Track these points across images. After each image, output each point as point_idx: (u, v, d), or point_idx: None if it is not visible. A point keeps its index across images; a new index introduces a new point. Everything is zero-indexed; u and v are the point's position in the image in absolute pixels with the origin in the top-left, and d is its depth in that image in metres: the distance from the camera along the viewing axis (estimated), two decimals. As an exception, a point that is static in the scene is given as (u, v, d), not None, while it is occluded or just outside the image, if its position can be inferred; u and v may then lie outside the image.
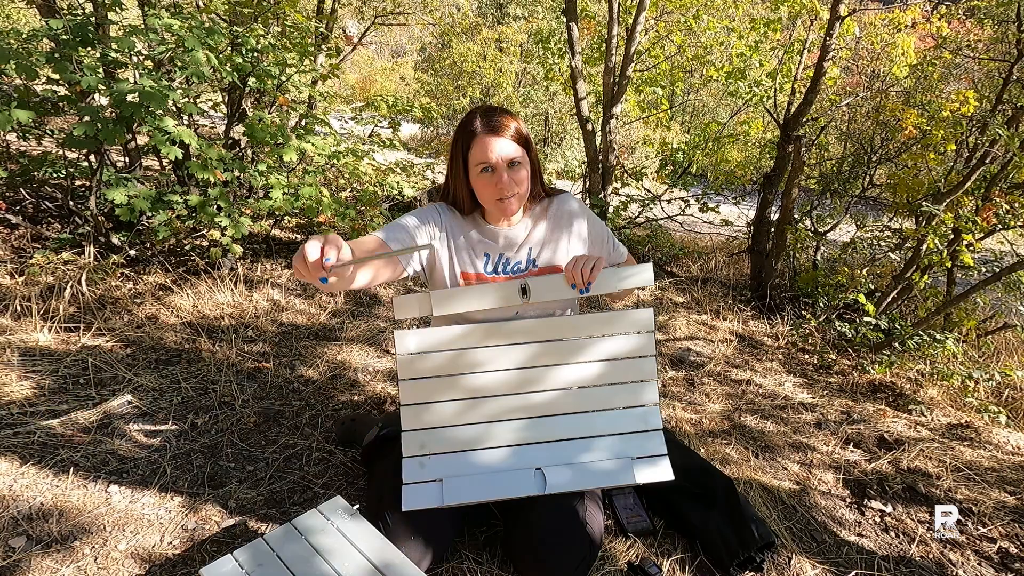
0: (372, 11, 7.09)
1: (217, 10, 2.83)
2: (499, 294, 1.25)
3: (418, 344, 1.26)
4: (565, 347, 1.30)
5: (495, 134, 1.17)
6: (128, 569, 1.27)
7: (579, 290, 1.20)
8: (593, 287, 1.20)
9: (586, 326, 1.32)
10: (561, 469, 1.27)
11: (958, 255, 3.04)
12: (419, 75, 13.52)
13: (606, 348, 1.32)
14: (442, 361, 1.27)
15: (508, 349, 1.29)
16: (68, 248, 2.60)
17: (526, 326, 1.29)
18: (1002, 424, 2.45)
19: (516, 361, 1.29)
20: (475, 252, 1.31)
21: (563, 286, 1.24)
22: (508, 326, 1.29)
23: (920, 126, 3.80)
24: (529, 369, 1.29)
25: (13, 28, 2.47)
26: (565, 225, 1.34)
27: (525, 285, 1.24)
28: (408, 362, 1.26)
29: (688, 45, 5.40)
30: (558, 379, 1.30)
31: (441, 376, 1.27)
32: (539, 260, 1.32)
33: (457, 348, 1.27)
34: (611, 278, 1.25)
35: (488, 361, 1.28)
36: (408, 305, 1.24)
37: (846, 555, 1.54)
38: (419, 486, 1.23)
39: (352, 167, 3.12)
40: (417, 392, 1.26)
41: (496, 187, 1.20)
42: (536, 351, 1.29)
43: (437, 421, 1.27)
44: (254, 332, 2.45)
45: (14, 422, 1.69)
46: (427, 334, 1.27)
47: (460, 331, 1.27)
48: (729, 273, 4.61)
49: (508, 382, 1.29)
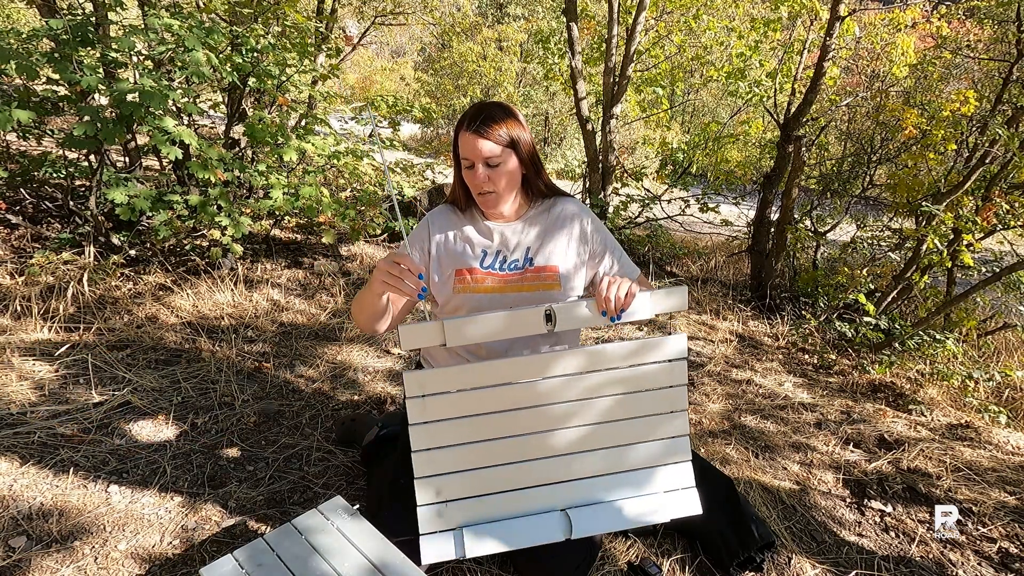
0: (372, 11, 7.09)
1: (217, 10, 2.83)
2: (521, 322, 1.12)
3: (429, 386, 1.14)
4: (592, 380, 1.19)
5: (478, 134, 1.19)
6: (128, 569, 1.27)
7: (610, 317, 1.11)
8: (625, 314, 1.11)
9: (615, 357, 1.20)
10: (587, 510, 1.19)
11: (958, 255, 3.04)
12: (419, 75, 13.53)
13: (636, 379, 1.21)
14: (457, 402, 1.15)
15: (529, 385, 1.17)
16: (68, 248, 2.60)
17: (550, 360, 1.17)
18: (1002, 424, 2.45)
19: (538, 397, 1.18)
20: (471, 248, 1.31)
21: (592, 313, 1.13)
22: (531, 360, 1.17)
23: (920, 126, 3.80)
24: (553, 405, 1.18)
25: (13, 28, 2.47)
26: (565, 226, 1.34)
27: (550, 312, 1.12)
28: (419, 406, 1.14)
29: (688, 45, 5.41)
30: (584, 415, 1.20)
31: (456, 418, 1.16)
32: (536, 259, 1.31)
33: (473, 388, 1.15)
34: (644, 304, 1.14)
35: (508, 399, 1.17)
36: (416, 335, 1.10)
37: (846, 555, 1.54)
38: (437, 536, 1.15)
39: (352, 167, 3.13)
40: (430, 437, 1.15)
41: (474, 183, 1.24)
42: (560, 385, 1.18)
43: (453, 466, 1.16)
44: (254, 332, 2.45)
45: (14, 422, 1.69)
46: (439, 375, 1.15)
47: (477, 369, 1.16)
48: (729, 273, 4.61)
49: (530, 420, 1.18)
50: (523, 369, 1.17)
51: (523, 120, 1.26)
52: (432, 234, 1.33)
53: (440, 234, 1.33)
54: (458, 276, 1.29)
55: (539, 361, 1.18)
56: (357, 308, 1.24)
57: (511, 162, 1.23)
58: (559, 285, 1.30)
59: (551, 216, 1.34)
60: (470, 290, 1.28)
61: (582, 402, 1.19)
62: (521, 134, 1.23)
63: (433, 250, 1.32)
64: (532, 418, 1.18)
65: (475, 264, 1.30)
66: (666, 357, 1.21)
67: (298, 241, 3.51)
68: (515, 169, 1.24)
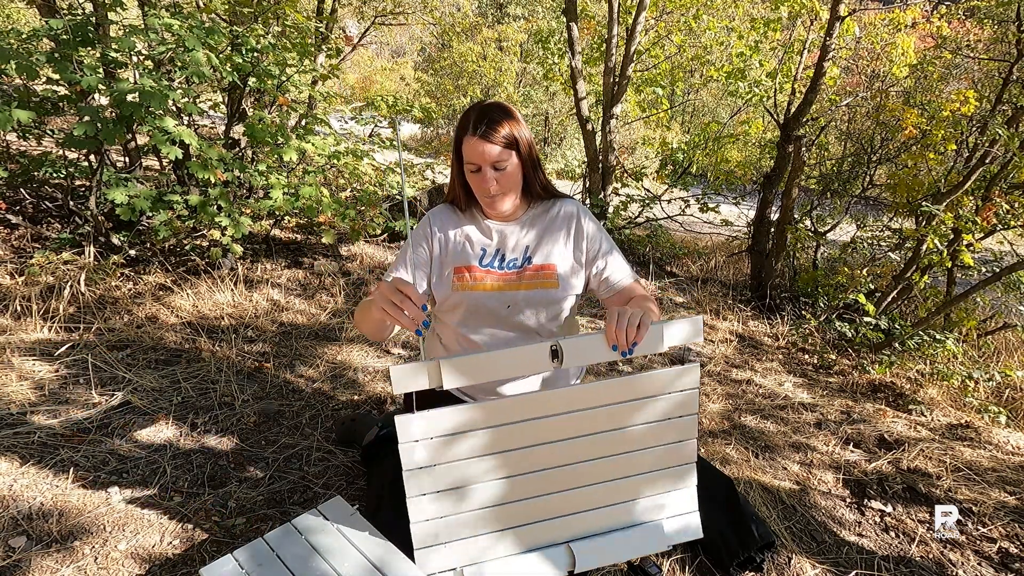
0: (372, 11, 7.09)
1: (217, 10, 2.83)
2: (525, 360, 1.05)
3: (425, 430, 1.06)
4: (601, 414, 1.13)
5: (483, 137, 1.19)
6: (128, 569, 1.27)
7: (621, 352, 1.05)
8: (638, 348, 1.05)
9: (625, 390, 1.14)
10: (590, 543, 1.16)
11: (958, 255, 3.05)
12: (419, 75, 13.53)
13: (646, 411, 1.15)
14: (453, 444, 1.08)
15: (535, 424, 1.10)
16: (68, 248, 2.60)
17: (553, 397, 1.12)
18: (1002, 424, 2.45)
19: (541, 434, 1.11)
20: (471, 246, 1.32)
21: (602, 347, 1.06)
22: (532, 399, 1.11)
23: (920, 126, 3.80)
24: (557, 442, 1.13)
25: (13, 28, 2.47)
26: (564, 226, 1.34)
27: (557, 347, 1.04)
28: (412, 450, 1.06)
29: (688, 45, 5.41)
30: (589, 448, 1.15)
31: (453, 462, 1.08)
32: (535, 257, 1.32)
33: (473, 429, 1.08)
34: (656, 337, 1.07)
35: (508, 438, 1.10)
36: (409, 377, 0.99)
37: (846, 555, 1.54)
38: None
39: (352, 167, 3.13)
40: (424, 482, 1.08)
41: (481, 187, 1.24)
42: (566, 422, 1.12)
43: (451, 508, 1.10)
44: (254, 332, 2.45)
45: (14, 422, 1.69)
46: (436, 418, 1.06)
47: (474, 410, 1.08)
48: (729, 273, 4.61)
49: (531, 457, 1.12)
50: (524, 408, 1.10)
51: (521, 118, 1.27)
52: (433, 232, 1.33)
53: (440, 232, 1.33)
54: (457, 274, 1.30)
55: (541, 399, 1.12)
56: (360, 318, 1.23)
57: (514, 162, 1.24)
58: (557, 283, 1.30)
59: (550, 216, 1.34)
60: (469, 288, 1.28)
61: (588, 437, 1.14)
62: (522, 133, 1.24)
63: (436, 248, 1.32)
64: (534, 455, 1.12)
65: (474, 262, 1.31)
66: (679, 388, 1.15)
67: (298, 241, 3.51)
68: (517, 168, 1.25)
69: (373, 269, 3.34)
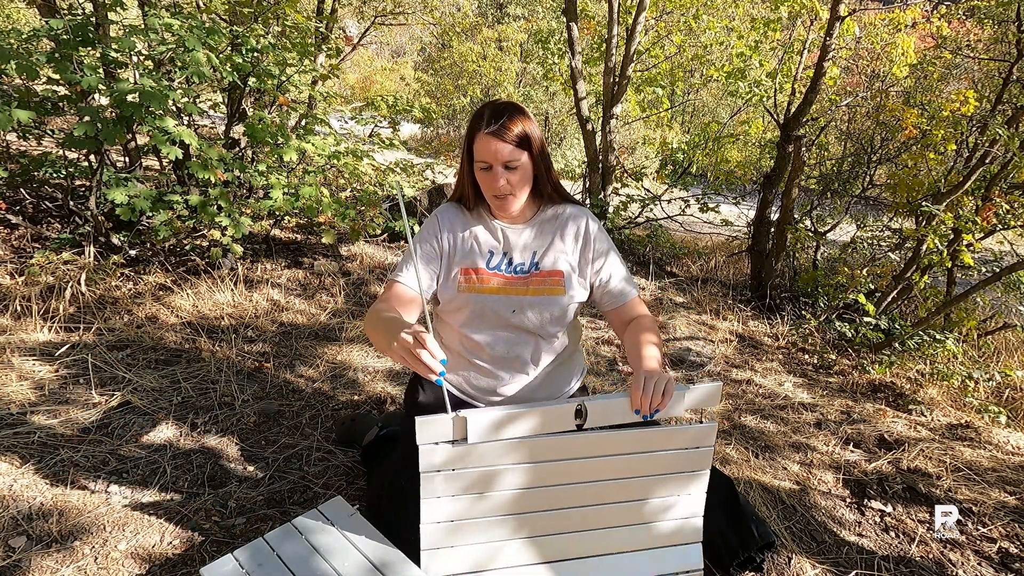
0: (372, 11, 7.09)
1: (217, 10, 2.83)
2: (550, 418, 1.09)
3: (446, 460, 1.08)
4: (612, 463, 1.16)
5: (497, 136, 1.18)
6: (128, 569, 1.27)
7: (643, 416, 1.08)
8: (659, 413, 1.08)
9: (640, 442, 1.15)
10: (596, 563, 1.18)
11: (958, 255, 3.04)
12: (419, 75, 13.53)
13: (657, 464, 1.17)
14: (473, 478, 1.11)
15: (550, 466, 1.13)
16: (68, 248, 2.60)
17: (574, 442, 1.13)
18: (1002, 424, 2.45)
19: (556, 478, 1.14)
20: (479, 247, 1.31)
21: (625, 410, 1.10)
22: (555, 442, 1.12)
23: (920, 126, 3.80)
24: (572, 485, 1.15)
25: (13, 28, 2.48)
26: (572, 234, 1.33)
27: (581, 407, 1.09)
28: (433, 480, 1.09)
29: (688, 45, 5.40)
30: (600, 495, 1.17)
31: (471, 495, 1.12)
32: (542, 263, 1.31)
33: (490, 466, 1.10)
34: (677, 401, 1.10)
35: (526, 477, 1.13)
36: (435, 428, 1.04)
37: (846, 555, 1.54)
38: None
39: (352, 167, 3.13)
40: (441, 511, 1.11)
41: (492, 186, 1.23)
42: (582, 466, 1.14)
43: (463, 539, 1.14)
44: (254, 332, 2.45)
45: (14, 422, 1.69)
46: (457, 452, 1.08)
47: (496, 449, 1.10)
48: (729, 273, 4.61)
49: (545, 499, 1.15)
50: (545, 450, 1.13)
51: (533, 117, 1.26)
52: (442, 229, 1.32)
53: (449, 231, 1.32)
54: (464, 275, 1.29)
55: (562, 443, 1.14)
56: (371, 334, 1.20)
57: (526, 161, 1.23)
58: (564, 290, 1.30)
59: (559, 222, 1.34)
60: (475, 290, 1.28)
61: (601, 483, 1.16)
62: (534, 131, 1.23)
63: (445, 245, 1.32)
64: (547, 497, 1.15)
65: (481, 264, 1.30)
66: (694, 444, 1.17)
67: (298, 241, 3.51)
68: (528, 167, 1.24)
69: (373, 269, 3.34)
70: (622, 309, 1.34)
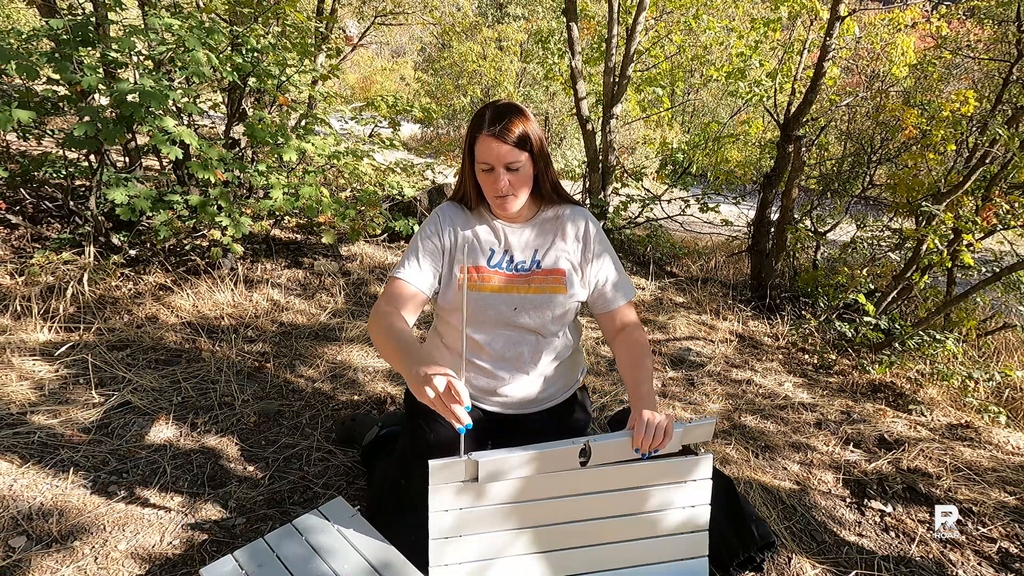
0: (372, 11, 7.09)
1: (217, 10, 2.83)
2: (556, 459, 1.13)
3: (455, 500, 1.11)
4: (611, 498, 1.19)
5: (498, 138, 1.18)
6: (128, 569, 1.27)
7: (641, 454, 1.14)
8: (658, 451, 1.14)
9: (636, 476, 1.19)
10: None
11: (958, 255, 3.04)
12: (419, 75, 13.52)
13: (655, 499, 1.20)
14: (478, 515, 1.14)
15: (553, 502, 1.16)
16: (68, 248, 2.60)
17: (578, 477, 1.16)
18: (1002, 424, 2.45)
19: (558, 515, 1.17)
20: (480, 245, 1.32)
21: (626, 449, 1.15)
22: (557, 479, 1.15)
23: (920, 126, 3.80)
24: (571, 523, 1.18)
25: (13, 28, 2.48)
26: (572, 234, 1.34)
27: (586, 447, 1.13)
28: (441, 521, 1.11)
29: (688, 45, 5.40)
30: (600, 533, 1.20)
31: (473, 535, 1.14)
32: (543, 261, 1.32)
33: (498, 503, 1.13)
34: (675, 439, 1.15)
35: (527, 516, 1.16)
36: (446, 473, 1.08)
37: (846, 555, 1.54)
38: None
39: (352, 167, 3.13)
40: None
41: (493, 187, 1.23)
42: (586, 501, 1.18)
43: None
44: (254, 332, 2.45)
45: (14, 422, 1.69)
46: (467, 490, 1.12)
47: (505, 486, 1.13)
48: (729, 273, 4.61)
49: (545, 537, 1.18)
50: (551, 486, 1.16)
51: (534, 117, 1.26)
52: (444, 227, 1.33)
53: (451, 228, 1.33)
54: (463, 274, 1.29)
55: (568, 478, 1.16)
56: (378, 341, 1.20)
57: (527, 162, 1.23)
58: (565, 289, 1.30)
59: (559, 222, 1.34)
60: (476, 288, 1.28)
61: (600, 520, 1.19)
62: (535, 131, 1.23)
63: (447, 242, 1.32)
64: (549, 534, 1.18)
65: (483, 262, 1.31)
66: (691, 477, 1.20)
67: (298, 241, 3.51)
68: (529, 168, 1.24)
69: (373, 269, 3.34)
70: (612, 314, 1.34)
